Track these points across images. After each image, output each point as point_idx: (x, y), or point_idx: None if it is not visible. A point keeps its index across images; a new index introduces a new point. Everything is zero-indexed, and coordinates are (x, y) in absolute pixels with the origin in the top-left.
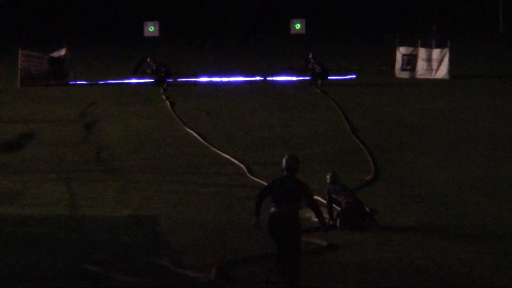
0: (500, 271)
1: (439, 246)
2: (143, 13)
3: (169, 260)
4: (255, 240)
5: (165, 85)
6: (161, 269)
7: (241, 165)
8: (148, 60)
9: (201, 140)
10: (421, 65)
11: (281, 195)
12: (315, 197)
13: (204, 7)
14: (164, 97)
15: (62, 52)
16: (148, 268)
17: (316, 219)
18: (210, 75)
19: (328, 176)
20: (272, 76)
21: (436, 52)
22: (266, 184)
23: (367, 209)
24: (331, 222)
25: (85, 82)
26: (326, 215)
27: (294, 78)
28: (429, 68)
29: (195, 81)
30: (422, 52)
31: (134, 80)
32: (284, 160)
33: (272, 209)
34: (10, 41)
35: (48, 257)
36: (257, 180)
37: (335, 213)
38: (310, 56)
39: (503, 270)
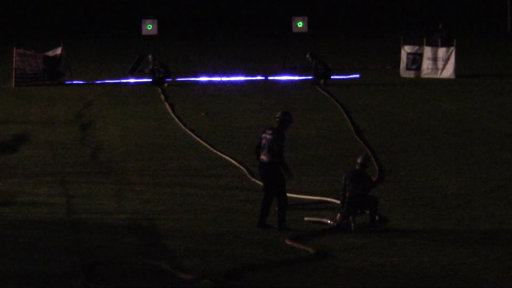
0: (508, 276)
1: (445, 250)
2: (141, 11)
3: (168, 264)
4: (256, 244)
5: (166, 84)
6: (160, 273)
7: (241, 167)
8: (150, 57)
9: (200, 141)
10: (426, 64)
11: (264, 145)
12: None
13: (203, 5)
14: (162, 97)
15: (58, 51)
16: (147, 271)
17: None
18: (210, 75)
19: (360, 157)
20: (274, 75)
21: (442, 51)
22: None
23: (377, 217)
24: (341, 220)
25: (81, 82)
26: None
27: (296, 78)
28: (435, 67)
29: (194, 80)
30: (427, 51)
31: (131, 80)
32: (278, 113)
33: (260, 157)
34: (4, 39)
35: (44, 261)
36: (258, 182)
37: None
38: (311, 55)
39: (510, 274)
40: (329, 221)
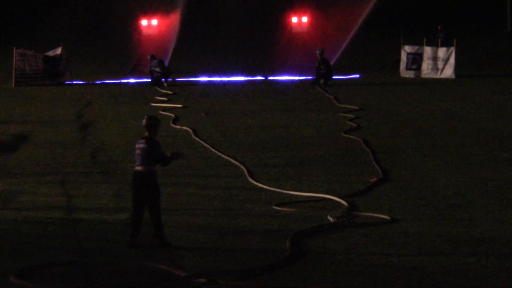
0: (507, 275)
1: (445, 250)
2: (141, 11)
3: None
4: (255, 244)
5: (166, 84)
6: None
7: (241, 167)
8: (149, 57)
9: (200, 141)
10: (426, 64)
11: (138, 155)
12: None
13: (203, 3)
14: (162, 96)
15: (58, 51)
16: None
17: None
18: (210, 75)
19: None
20: (274, 75)
21: (442, 51)
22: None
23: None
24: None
25: (81, 82)
26: None
27: (296, 78)
28: (435, 67)
29: (194, 80)
30: (427, 51)
31: (132, 80)
32: (144, 120)
33: (134, 168)
34: (5, 39)
35: (44, 261)
36: (257, 183)
37: None
38: (318, 54)
39: (510, 274)
40: (332, 219)
